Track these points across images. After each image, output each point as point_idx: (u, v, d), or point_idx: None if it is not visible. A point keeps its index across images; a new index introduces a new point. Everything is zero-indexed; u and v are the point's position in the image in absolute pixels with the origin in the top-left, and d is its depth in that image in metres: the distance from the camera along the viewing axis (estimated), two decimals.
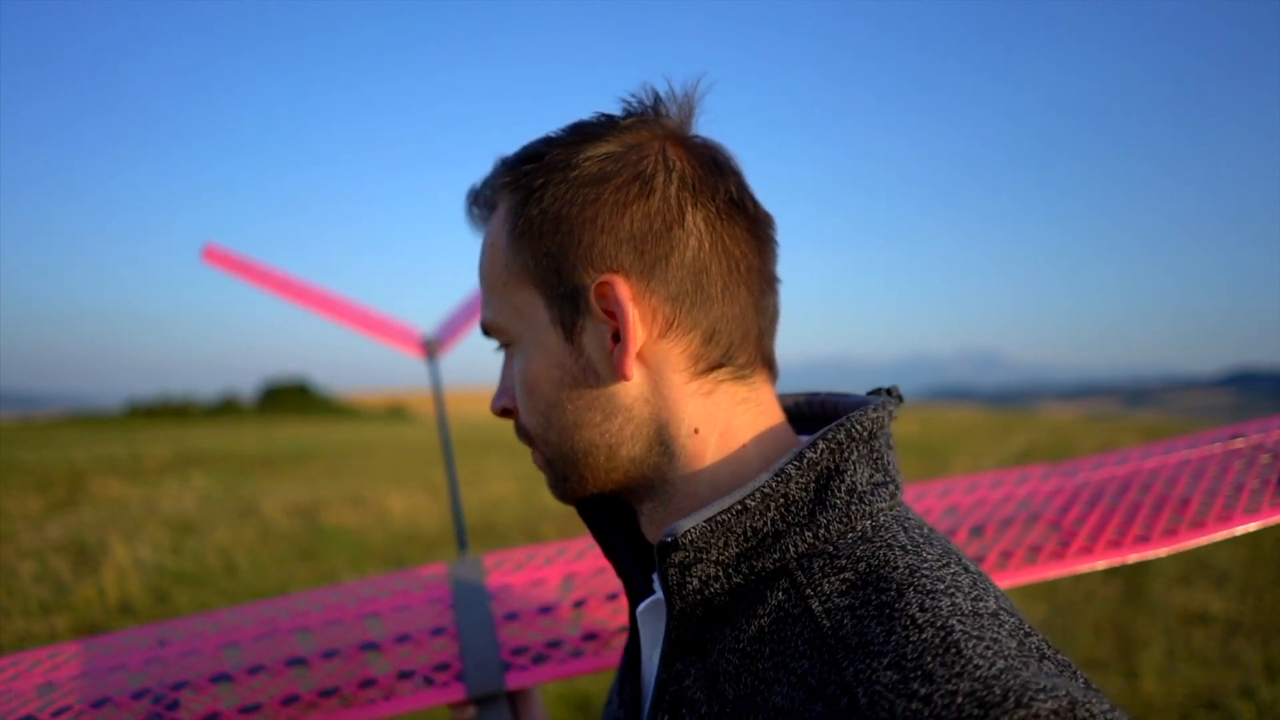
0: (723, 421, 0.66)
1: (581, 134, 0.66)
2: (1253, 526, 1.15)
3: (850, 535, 0.61)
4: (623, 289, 0.63)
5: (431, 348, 2.26)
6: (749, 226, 0.67)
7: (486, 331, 0.72)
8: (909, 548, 0.60)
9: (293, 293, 2.33)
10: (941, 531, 0.85)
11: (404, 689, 1.16)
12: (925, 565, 0.59)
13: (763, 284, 0.68)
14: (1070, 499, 1.35)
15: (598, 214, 0.63)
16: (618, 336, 0.64)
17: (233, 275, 2.34)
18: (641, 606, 0.71)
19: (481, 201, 0.72)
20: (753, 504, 0.60)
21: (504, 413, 0.74)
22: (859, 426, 0.63)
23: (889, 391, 0.70)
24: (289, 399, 44.69)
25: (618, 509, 0.77)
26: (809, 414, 0.76)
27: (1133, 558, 1.18)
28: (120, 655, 1.17)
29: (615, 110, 0.68)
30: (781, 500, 0.61)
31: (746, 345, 0.67)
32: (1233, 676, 4.60)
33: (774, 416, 0.69)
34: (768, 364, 0.69)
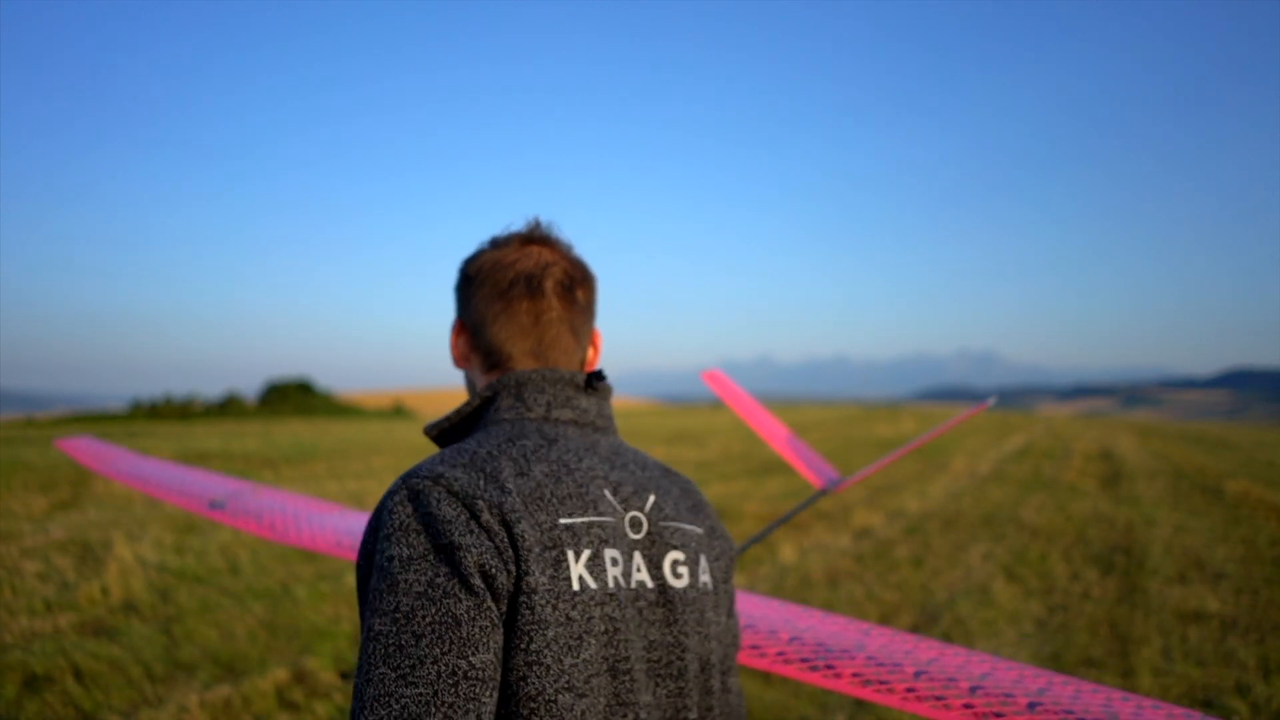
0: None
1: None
2: None
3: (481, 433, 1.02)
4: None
5: (829, 488, 2.70)
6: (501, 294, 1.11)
7: None
8: (486, 443, 0.96)
9: (757, 419, 2.83)
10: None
11: None
12: (474, 446, 0.96)
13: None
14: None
15: None
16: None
17: (723, 397, 2.91)
18: None
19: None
20: (453, 414, 1.06)
21: None
22: (510, 380, 1.03)
23: (595, 374, 1.06)
24: (291, 398, 44.76)
25: None
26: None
27: None
28: None
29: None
30: (465, 410, 1.06)
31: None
32: (1229, 674, 4.62)
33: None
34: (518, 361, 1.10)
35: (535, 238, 1.09)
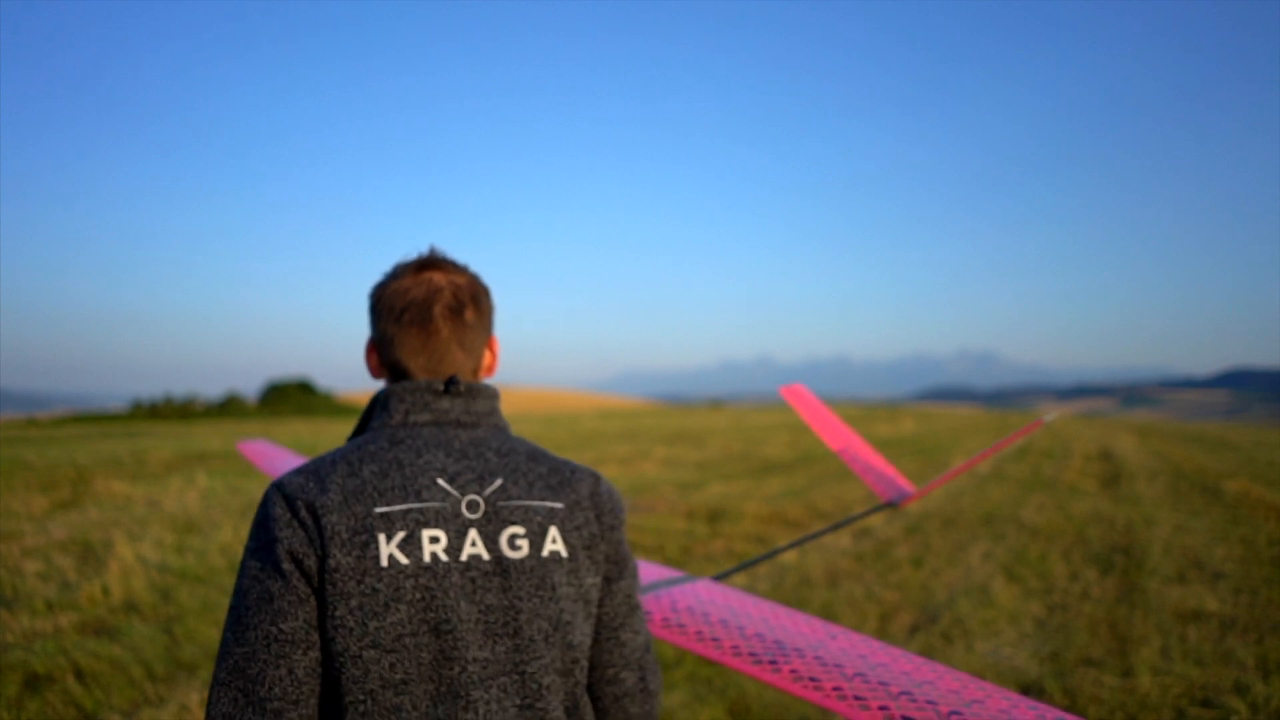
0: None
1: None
2: None
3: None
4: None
5: (895, 501, 2.76)
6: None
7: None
8: (342, 451, 1.20)
9: (833, 432, 2.94)
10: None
11: None
12: (331, 453, 1.20)
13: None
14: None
15: None
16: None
17: (800, 411, 3.01)
18: None
19: None
20: (358, 425, 1.31)
21: None
22: (381, 394, 1.25)
23: (450, 380, 1.23)
24: (291, 397, 44.74)
25: None
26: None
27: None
28: None
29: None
30: (361, 421, 1.29)
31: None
32: (1227, 673, 4.63)
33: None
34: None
35: (428, 264, 1.28)
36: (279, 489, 1.15)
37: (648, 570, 1.90)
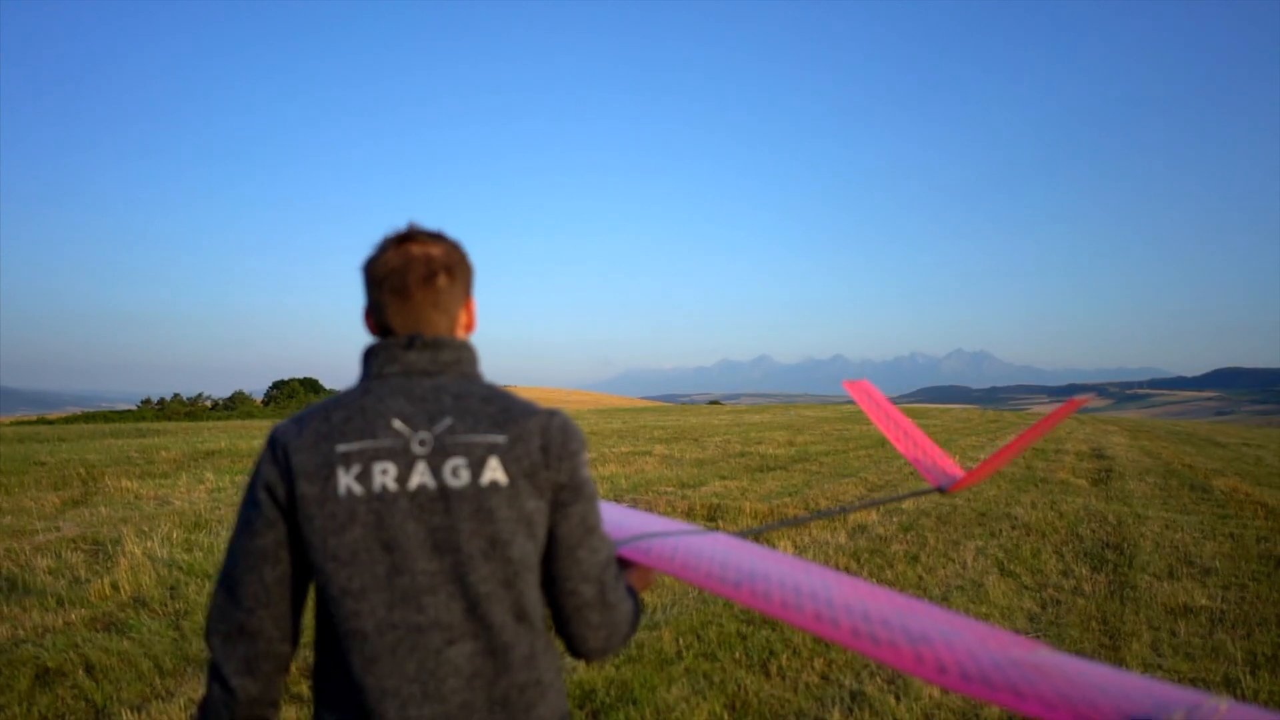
0: None
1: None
2: None
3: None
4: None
5: (943, 486, 2.82)
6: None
7: None
8: (326, 400, 1.43)
9: (894, 425, 3.04)
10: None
11: None
12: (318, 403, 1.43)
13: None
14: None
15: None
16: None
17: (864, 406, 3.10)
18: None
19: None
20: None
21: None
22: (364, 351, 1.46)
23: (414, 337, 1.43)
24: (298, 395, 44.68)
25: None
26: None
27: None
28: None
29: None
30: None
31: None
32: (1217, 667, 4.71)
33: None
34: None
35: (407, 237, 1.47)
36: (271, 432, 1.43)
37: (666, 523, 1.93)
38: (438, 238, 1.48)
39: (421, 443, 1.36)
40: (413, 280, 1.43)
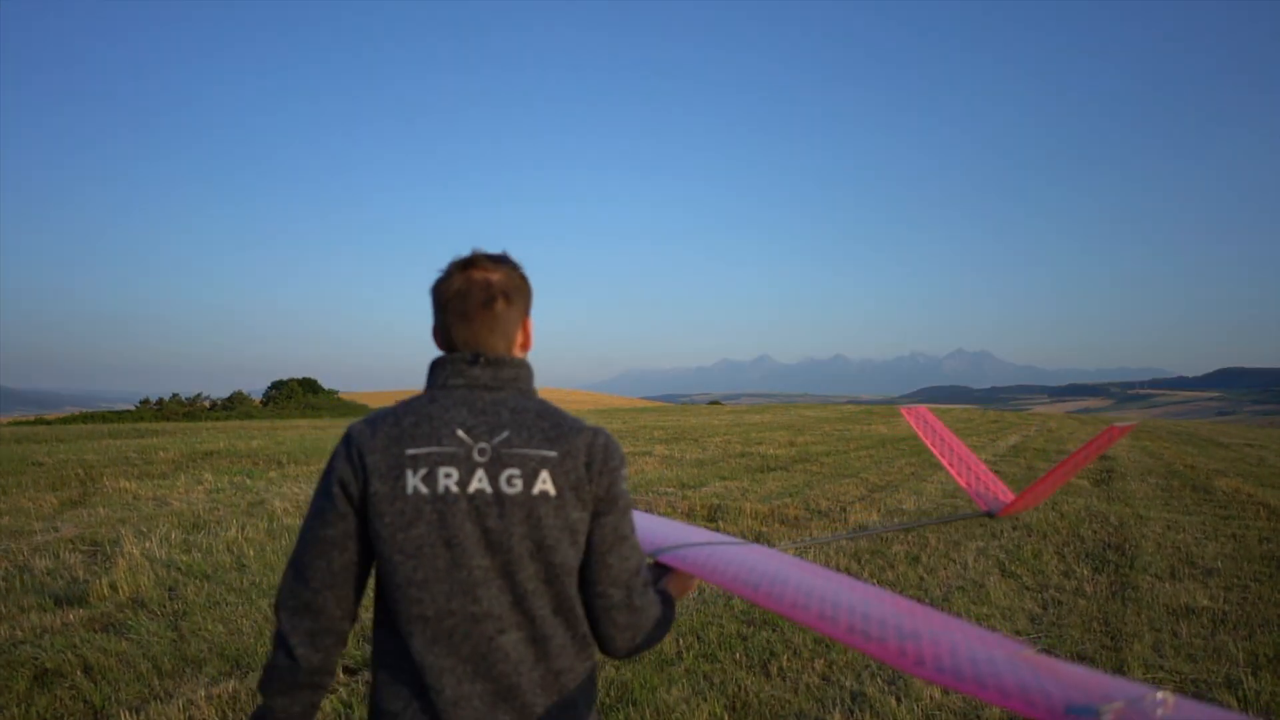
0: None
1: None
2: None
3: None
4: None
5: (991, 511, 2.82)
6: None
7: None
8: (400, 405, 1.58)
9: (949, 449, 3.04)
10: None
11: None
12: (390, 408, 1.60)
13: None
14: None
15: None
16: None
17: (920, 433, 3.13)
18: None
19: None
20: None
21: None
22: (432, 364, 1.61)
23: (475, 355, 1.58)
24: (296, 396, 44.69)
25: None
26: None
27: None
28: None
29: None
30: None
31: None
32: (1218, 668, 4.70)
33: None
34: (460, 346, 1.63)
35: (469, 263, 1.61)
36: (347, 432, 1.57)
37: (710, 535, 2.13)
38: (499, 262, 1.62)
39: (481, 452, 1.52)
40: (472, 305, 1.59)
